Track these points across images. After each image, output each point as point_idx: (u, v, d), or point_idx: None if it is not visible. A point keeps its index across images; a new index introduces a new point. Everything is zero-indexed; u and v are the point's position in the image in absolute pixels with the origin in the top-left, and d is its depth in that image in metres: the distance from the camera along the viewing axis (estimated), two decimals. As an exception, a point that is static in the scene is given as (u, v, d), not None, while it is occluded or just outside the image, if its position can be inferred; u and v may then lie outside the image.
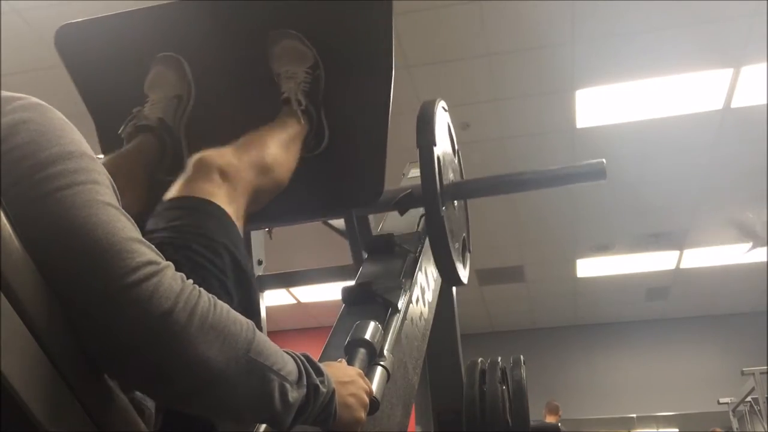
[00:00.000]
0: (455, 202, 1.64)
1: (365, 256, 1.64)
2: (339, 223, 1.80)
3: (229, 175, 1.13)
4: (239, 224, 1.11)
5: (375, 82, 1.54)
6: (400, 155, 1.85)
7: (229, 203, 1.10)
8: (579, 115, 4.46)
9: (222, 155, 1.16)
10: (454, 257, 1.51)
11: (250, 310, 1.01)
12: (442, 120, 1.61)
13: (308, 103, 1.46)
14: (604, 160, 1.54)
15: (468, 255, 1.76)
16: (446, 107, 1.67)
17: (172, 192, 1.09)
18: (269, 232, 1.83)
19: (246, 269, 1.05)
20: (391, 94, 1.53)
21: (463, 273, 1.64)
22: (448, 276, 1.56)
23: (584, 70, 4.05)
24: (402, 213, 1.63)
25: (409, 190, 1.60)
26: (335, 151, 1.53)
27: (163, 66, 1.55)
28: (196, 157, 1.14)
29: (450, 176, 1.60)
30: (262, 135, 1.31)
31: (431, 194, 1.44)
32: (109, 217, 0.67)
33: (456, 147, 1.76)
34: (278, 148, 1.32)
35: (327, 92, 1.53)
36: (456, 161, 1.74)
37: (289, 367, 0.78)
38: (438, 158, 1.47)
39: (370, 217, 1.77)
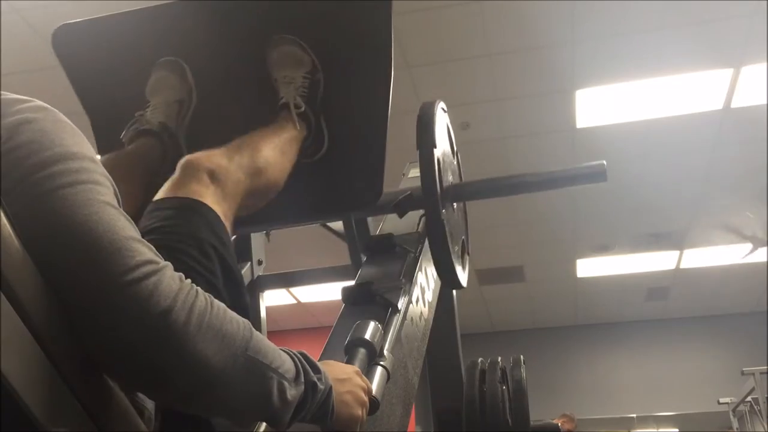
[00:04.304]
0: (454, 204, 1.63)
1: (364, 258, 1.63)
2: (338, 225, 1.79)
3: (218, 176, 1.11)
4: (228, 224, 1.09)
5: (374, 84, 1.53)
6: (400, 155, 1.85)
7: (218, 203, 1.08)
8: (579, 115, 4.46)
9: (210, 157, 1.15)
10: (454, 260, 1.50)
11: (242, 310, 1.01)
12: (442, 121, 1.60)
13: (306, 108, 1.45)
14: (604, 162, 1.53)
15: (467, 258, 1.75)
16: (445, 108, 1.66)
17: (161, 193, 1.08)
18: (267, 234, 1.82)
19: (234, 270, 1.05)
20: (390, 96, 1.52)
21: (463, 276, 1.63)
22: (448, 279, 1.54)
23: (584, 70, 4.05)
24: (401, 215, 1.62)
25: (409, 192, 1.58)
26: (334, 153, 1.52)
27: (164, 70, 1.53)
28: (184, 159, 1.13)
29: (449, 178, 1.59)
30: (255, 138, 1.30)
31: (431, 197, 1.42)
32: (110, 217, 0.67)
33: (455, 148, 1.75)
34: (272, 151, 1.31)
35: (326, 96, 1.52)
36: (455, 163, 1.73)
37: (287, 365, 0.78)
38: (438, 160, 1.46)
39: (370, 217, 1.77)
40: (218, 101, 1.57)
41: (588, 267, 6.76)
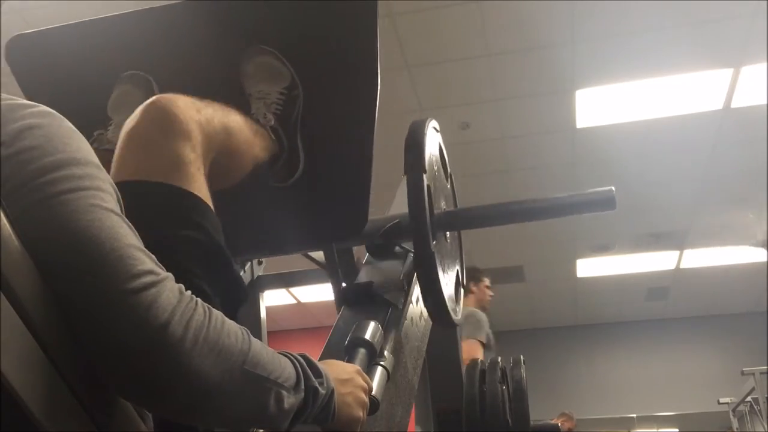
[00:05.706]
0: (447, 232, 1.49)
1: (346, 300, 1.48)
2: (321, 254, 1.67)
3: (190, 127, 0.96)
4: (209, 197, 0.98)
5: (358, 103, 1.39)
6: (400, 155, 1.85)
7: (199, 169, 0.96)
8: (579, 115, 4.46)
9: (182, 102, 0.98)
10: (445, 296, 1.36)
11: (233, 296, 0.96)
12: (434, 142, 1.45)
13: (276, 124, 1.33)
14: (612, 188, 1.38)
15: (461, 290, 1.62)
16: (437, 127, 1.51)
17: (119, 165, 0.92)
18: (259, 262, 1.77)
19: (218, 247, 0.95)
20: (375, 116, 1.38)
21: (456, 310, 1.49)
22: (440, 319, 1.39)
23: (584, 70, 4.05)
24: (389, 247, 1.51)
25: (397, 221, 1.47)
26: (314, 178, 1.39)
27: (128, 85, 1.40)
28: (150, 101, 0.96)
29: (442, 205, 1.45)
30: (225, 106, 1.15)
31: (419, 229, 1.27)
32: (113, 223, 0.67)
33: (449, 171, 1.61)
34: (242, 121, 1.18)
35: (305, 114, 1.39)
36: (449, 187, 1.60)
37: (287, 373, 0.78)
38: (428, 188, 1.31)
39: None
40: None
41: (588, 267, 6.77)
